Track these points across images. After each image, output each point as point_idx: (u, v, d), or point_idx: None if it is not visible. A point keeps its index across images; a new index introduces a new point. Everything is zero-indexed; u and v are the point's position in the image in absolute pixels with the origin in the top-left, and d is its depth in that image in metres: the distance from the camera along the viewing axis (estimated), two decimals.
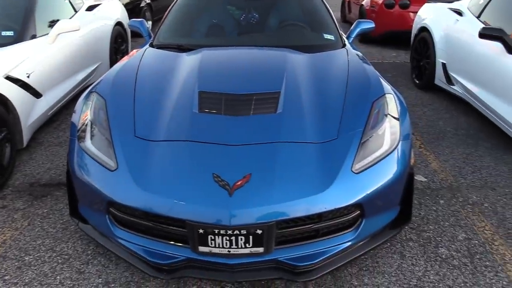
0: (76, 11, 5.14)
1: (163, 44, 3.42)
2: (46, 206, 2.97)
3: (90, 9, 5.48)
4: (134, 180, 2.03)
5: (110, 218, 2.17)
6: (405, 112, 2.55)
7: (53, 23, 4.33)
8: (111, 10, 5.98)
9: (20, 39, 3.93)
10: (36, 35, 4.11)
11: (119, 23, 5.99)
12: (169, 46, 3.35)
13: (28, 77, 3.64)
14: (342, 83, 2.64)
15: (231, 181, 1.95)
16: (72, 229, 2.72)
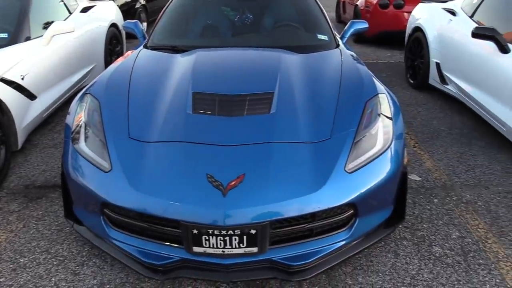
0: (70, 13, 5.14)
1: (157, 45, 3.42)
2: (41, 208, 2.97)
3: (85, 10, 5.47)
4: (128, 181, 2.04)
5: (104, 219, 2.18)
6: (398, 111, 2.56)
7: (47, 25, 4.33)
8: (106, 12, 5.98)
9: (14, 41, 3.93)
10: (30, 37, 4.11)
11: (114, 25, 5.99)
12: (163, 48, 3.35)
13: (22, 79, 3.63)
14: (336, 83, 2.66)
15: (225, 181, 1.96)
16: (67, 230, 2.72)
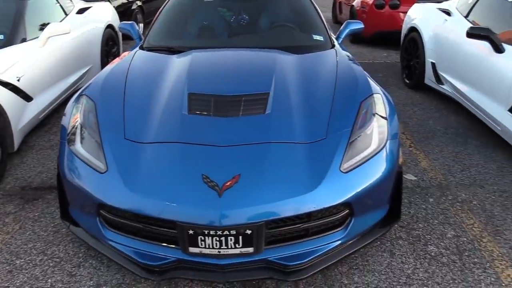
0: (66, 14, 5.14)
1: (153, 46, 3.42)
2: (38, 209, 2.97)
3: (81, 12, 5.47)
4: (123, 182, 2.04)
5: (100, 221, 2.18)
6: (393, 111, 2.57)
7: (43, 26, 4.33)
8: (102, 13, 5.97)
9: (10, 43, 3.93)
10: (26, 39, 4.11)
11: (110, 26, 5.98)
12: (159, 49, 3.36)
13: (18, 80, 3.63)
14: (331, 84, 2.67)
15: (220, 182, 1.96)
16: (63, 232, 2.72)
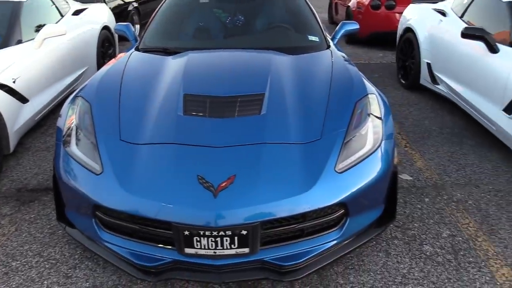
0: (62, 16, 5.14)
1: (149, 47, 3.43)
2: (34, 211, 2.97)
3: (77, 13, 5.47)
4: (119, 183, 2.04)
5: (96, 222, 2.18)
6: (388, 112, 2.58)
7: (39, 28, 4.32)
8: (98, 14, 5.97)
9: (5, 44, 3.93)
10: (22, 40, 4.11)
11: (106, 27, 5.98)
12: (154, 50, 3.36)
13: (14, 82, 3.63)
14: (326, 84, 2.67)
15: (216, 182, 1.97)
16: (59, 233, 2.72)
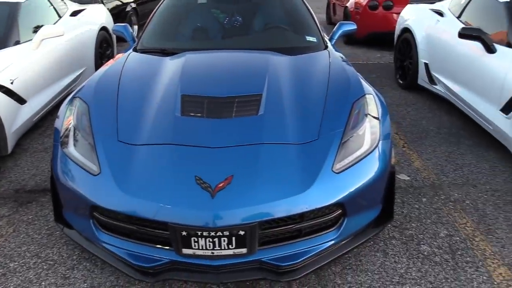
0: (60, 17, 5.14)
1: (147, 48, 3.43)
2: (31, 212, 2.97)
3: (75, 14, 5.47)
4: (117, 184, 2.04)
5: (94, 223, 2.18)
6: (385, 112, 2.59)
7: (37, 29, 4.32)
8: (96, 15, 5.98)
9: (3, 45, 3.93)
10: (19, 41, 4.11)
11: (104, 28, 5.98)
12: (152, 50, 3.36)
13: (11, 83, 3.63)
14: (323, 85, 2.68)
15: (213, 183, 1.97)
16: (57, 234, 2.72)
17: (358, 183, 2.15)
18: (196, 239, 1.94)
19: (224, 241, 1.95)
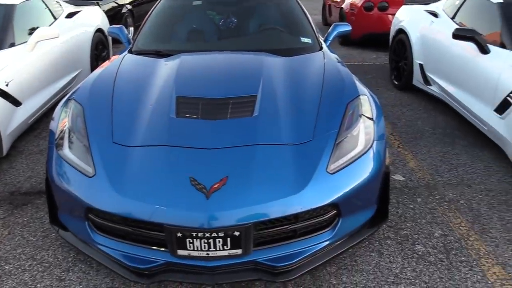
0: (55, 19, 5.13)
1: (142, 50, 3.43)
2: (27, 214, 2.96)
3: (70, 16, 5.46)
4: (112, 185, 2.05)
5: (89, 225, 2.18)
6: (380, 113, 2.60)
7: (32, 31, 4.32)
8: (91, 17, 5.97)
9: None
10: (14, 43, 4.10)
11: (100, 30, 5.98)
12: (148, 52, 3.36)
13: (6, 85, 3.62)
14: (318, 86, 2.69)
15: (208, 184, 1.98)
16: (52, 237, 2.71)
17: (352, 184, 2.16)
18: (191, 240, 1.94)
19: (219, 242, 1.95)
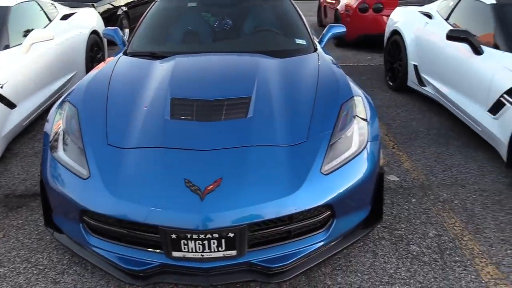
0: (50, 20, 5.13)
1: (137, 52, 3.43)
2: (21, 217, 2.95)
3: (65, 18, 5.46)
4: (106, 187, 2.05)
5: (84, 227, 2.18)
6: (374, 114, 2.61)
7: (27, 33, 4.31)
8: (86, 19, 5.96)
9: None
10: (9, 45, 4.10)
11: (95, 32, 5.97)
12: (142, 54, 3.36)
13: (1, 87, 3.62)
14: (312, 87, 2.70)
15: (202, 185, 1.98)
16: (47, 239, 2.71)
17: (346, 185, 2.16)
18: (185, 242, 1.95)
19: (213, 243, 1.96)
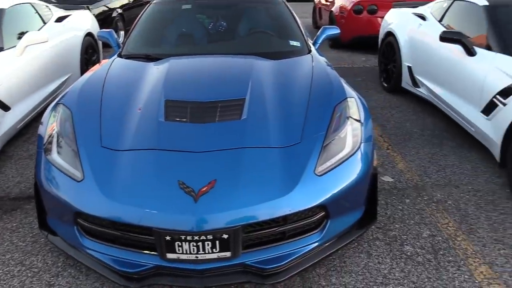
0: (45, 23, 5.12)
1: (131, 54, 3.44)
2: (16, 220, 2.95)
3: (60, 20, 5.45)
4: (100, 190, 2.05)
5: (78, 229, 2.18)
6: (367, 115, 2.63)
7: (21, 35, 4.30)
8: (81, 21, 5.96)
9: None
10: (3, 48, 4.08)
11: (90, 34, 5.97)
12: (137, 56, 3.37)
13: None
14: (306, 89, 2.71)
15: (196, 187, 1.99)
16: (42, 242, 2.70)
17: (340, 185, 2.18)
18: (180, 244, 1.95)
19: (208, 245, 1.96)
